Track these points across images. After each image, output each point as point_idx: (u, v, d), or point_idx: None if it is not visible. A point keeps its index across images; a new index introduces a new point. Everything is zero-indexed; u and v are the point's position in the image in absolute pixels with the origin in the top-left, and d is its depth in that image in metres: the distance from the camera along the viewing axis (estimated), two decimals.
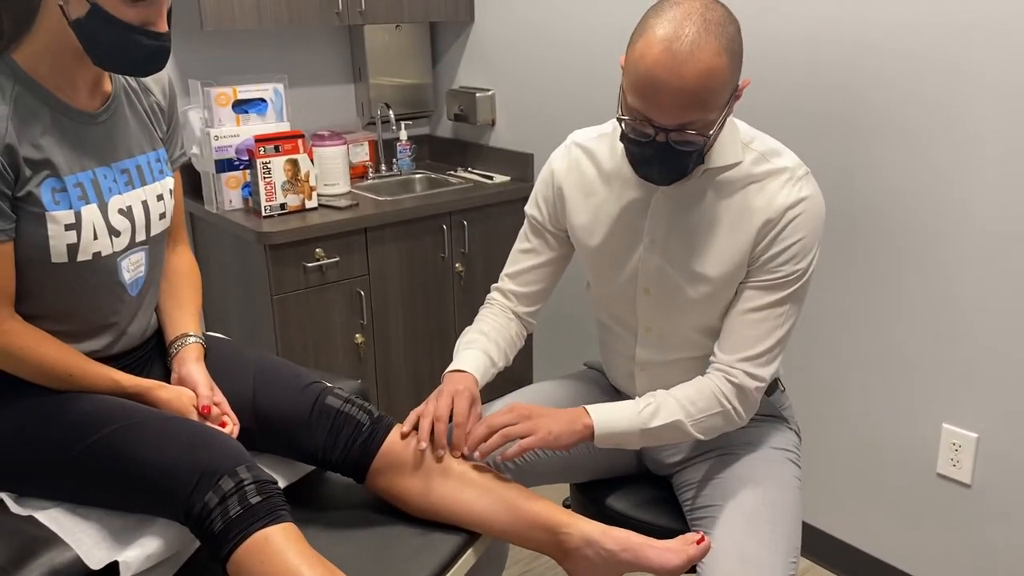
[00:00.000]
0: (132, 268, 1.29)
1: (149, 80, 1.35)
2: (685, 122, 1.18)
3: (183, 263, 1.47)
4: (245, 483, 1.07)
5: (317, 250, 2.42)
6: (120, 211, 1.25)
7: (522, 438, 1.26)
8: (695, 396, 1.31)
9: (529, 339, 2.93)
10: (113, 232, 1.24)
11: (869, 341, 2.03)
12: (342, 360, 2.55)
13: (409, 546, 1.24)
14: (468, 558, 1.27)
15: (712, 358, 1.35)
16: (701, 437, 1.33)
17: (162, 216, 1.33)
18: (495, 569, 1.53)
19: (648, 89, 1.16)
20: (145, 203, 1.29)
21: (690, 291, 1.36)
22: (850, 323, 2.06)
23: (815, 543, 2.25)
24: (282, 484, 1.29)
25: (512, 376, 2.79)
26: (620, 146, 1.38)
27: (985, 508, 1.90)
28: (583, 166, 1.44)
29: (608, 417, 1.29)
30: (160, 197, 1.32)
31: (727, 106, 1.22)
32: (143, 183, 1.29)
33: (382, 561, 1.21)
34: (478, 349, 1.44)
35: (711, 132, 1.22)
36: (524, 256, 1.53)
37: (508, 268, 1.55)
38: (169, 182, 1.35)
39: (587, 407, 1.30)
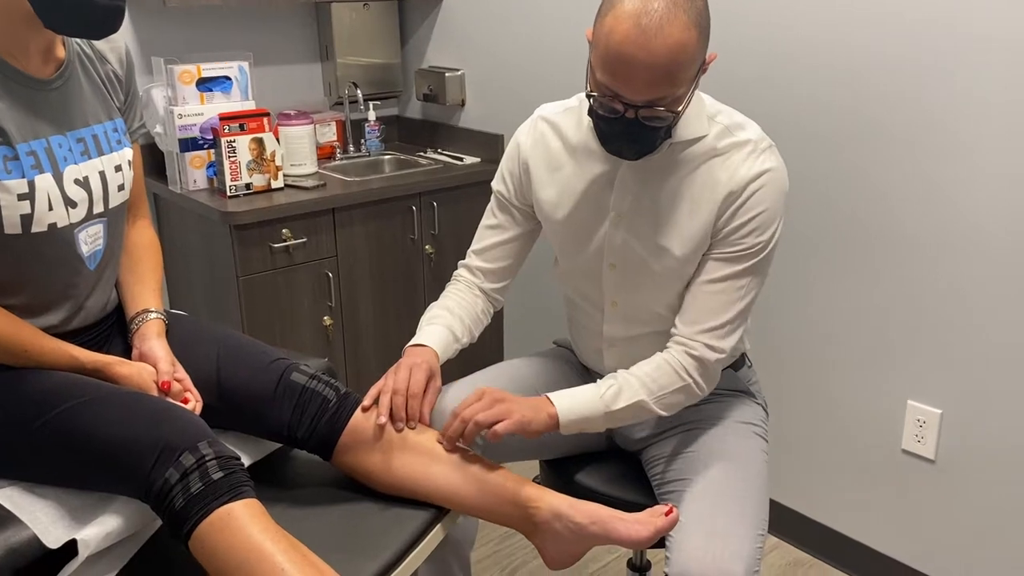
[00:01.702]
0: (90, 241, 1.26)
1: (105, 49, 1.32)
2: (655, 98, 1.18)
3: (144, 237, 1.43)
4: (207, 459, 1.05)
5: (284, 231, 2.38)
6: (76, 181, 1.21)
7: (495, 422, 1.24)
8: (656, 373, 1.31)
9: (499, 317, 2.95)
10: (69, 203, 1.20)
11: (836, 318, 2.05)
12: (310, 343, 2.52)
13: (377, 522, 1.23)
14: (437, 533, 1.26)
15: (673, 330, 1.35)
16: (663, 414, 1.33)
17: (121, 188, 1.29)
18: (464, 546, 1.53)
19: (617, 65, 1.15)
20: (103, 174, 1.25)
21: (655, 265, 1.36)
22: (817, 301, 2.07)
23: (782, 520, 2.27)
24: (247, 461, 1.27)
25: (482, 354, 2.79)
26: (586, 120, 1.37)
27: (948, 483, 1.92)
28: (549, 140, 1.43)
29: (571, 404, 1.28)
30: (118, 168, 1.28)
31: (695, 80, 1.22)
32: (100, 153, 1.26)
33: (350, 537, 1.19)
34: (441, 324, 1.43)
35: (680, 108, 1.21)
36: (491, 232, 1.52)
37: (475, 245, 1.54)
38: (128, 153, 1.32)
39: (549, 396, 1.29)
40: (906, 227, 1.87)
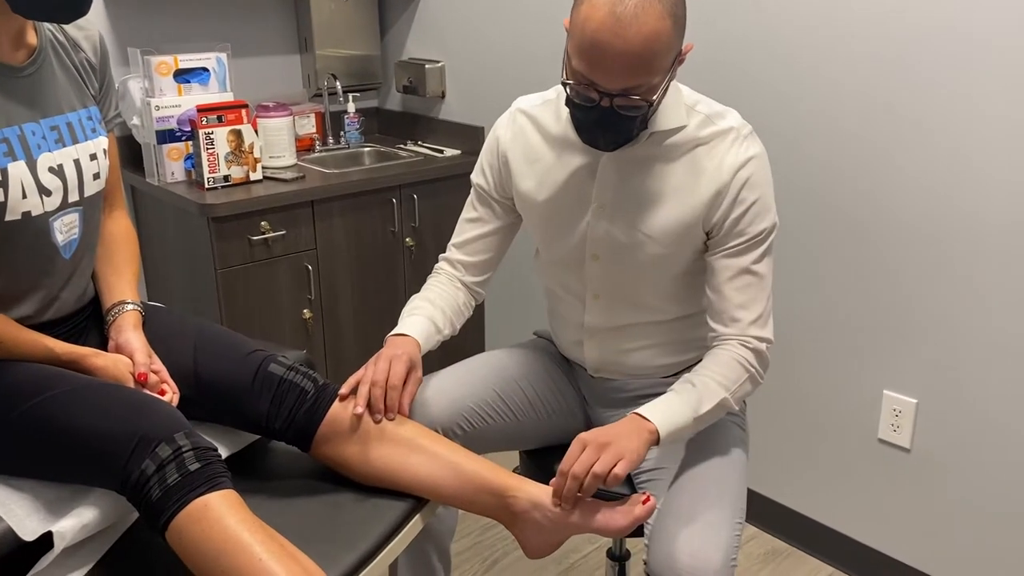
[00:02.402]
0: (65, 230, 1.24)
1: (79, 36, 1.30)
2: (629, 86, 1.18)
3: (120, 228, 1.42)
4: (183, 450, 1.04)
5: (262, 223, 2.37)
6: (51, 169, 1.20)
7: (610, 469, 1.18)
8: (725, 369, 1.31)
9: (481, 309, 2.95)
10: (43, 191, 1.19)
11: (813, 310, 2.06)
12: (290, 336, 2.51)
13: (355, 513, 1.23)
14: (415, 524, 1.26)
15: (712, 334, 1.35)
16: (736, 408, 1.33)
17: (96, 176, 1.28)
18: (444, 537, 1.53)
19: (592, 53, 1.16)
20: (77, 162, 1.24)
21: (638, 256, 1.36)
22: (794, 292, 2.09)
23: (760, 509, 2.29)
24: (225, 453, 1.26)
25: (464, 346, 2.79)
26: (565, 111, 1.37)
27: (923, 471, 1.95)
28: (528, 133, 1.43)
29: (666, 417, 1.25)
30: (93, 156, 1.27)
31: (671, 70, 1.23)
32: (75, 141, 1.24)
33: (328, 528, 1.19)
34: (423, 315, 1.43)
35: (655, 97, 1.22)
36: (471, 225, 1.52)
37: (455, 238, 1.54)
38: (103, 141, 1.30)
39: (641, 413, 1.25)
40: (884, 219, 1.89)
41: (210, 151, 2.38)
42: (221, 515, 1.01)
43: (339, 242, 2.55)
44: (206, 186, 2.38)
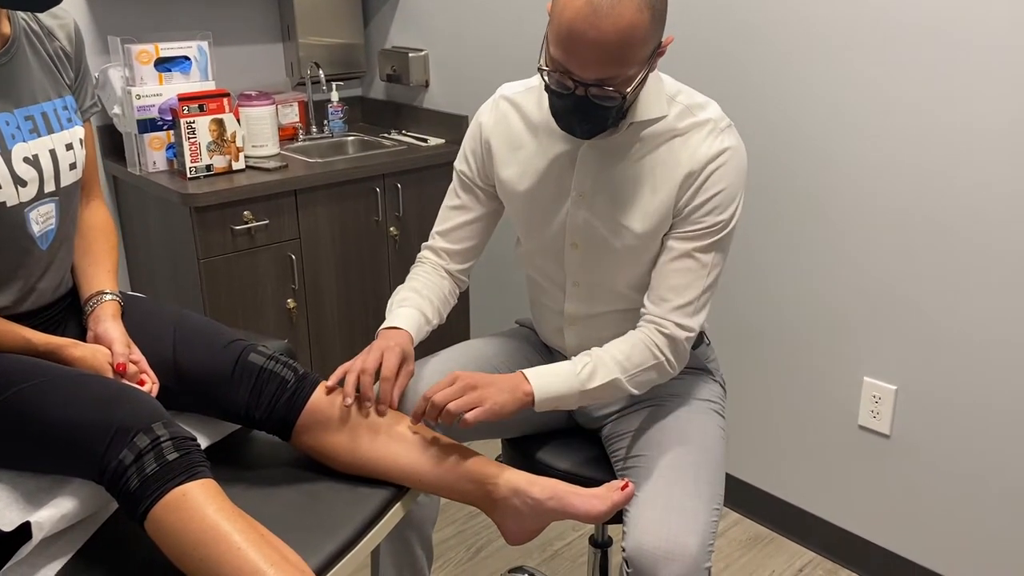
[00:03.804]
0: (41, 220, 1.24)
1: (53, 25, 1.29)
2: (603, 77, 1.18)
3: (98, 218, 1.41)
4: (161, 440, 1.04)
5: (245, 213, 2.36)
6: (26, 159, 1.19)
7: (468, 410, 1.22)
8: (630, 351, 1.32)
9: (465, 297, 2.95)
10: (19, 181, 1.18)
11: (793, 297, 2.07)
12: (274, 326, 2.51)
13: (336, 501, 1.23)
14: (396, 511, 1.26)
15: (643, 310, 1.36)
16: (636, 392, 1.33)
17: (72, 167, 1.27)
18: (426, 525, 1.54)
19: (568, 42, 1.16)
20: (53, 152, 1.24)
21: (617, 245, 1.37)
22: (774, 279, 2.10)
23: (741, 495, 2.31)
24: (205, 443, 1.27)
25: (449, 334, 2.79)
26: (547, 98, 1.37)
27: (903, 457, 1.97)
28: (511, 119, 1.43)
29: (547, 382, 1.28)
30: (69, 147, 1.27)
31: (648, 63, 1.23)
32: (50, 131, 1.24)
33: (309, 516, 1.19)
34: (412, 307, 1.43)
35: (629, 89, 1.22)
36: (454, 213, 1.52)
37: (438, 226, 1.54)
38: (79, 131, 1.29)
39: (525, 373, 1.28)
40: (863, 206, 1.90)
41: (192, 140, 2.36)
42: (200, 504, 1.01)
43: (323, 231, 2.55)
44: (188, 175, 2.37)
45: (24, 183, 1.19)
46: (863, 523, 2.08)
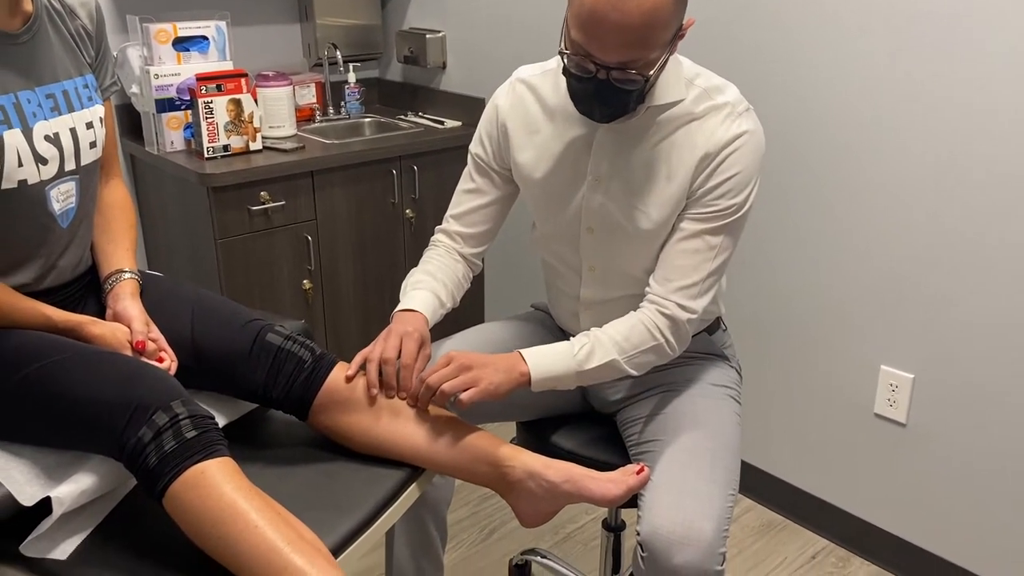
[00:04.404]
0: (62, 198, 1.24)
1: (75, 3, 1.29)
2: (626, 60, 1.17)
3: (117, 197, 1.42)
4: (180, 417, 1.05)
5: (262, 193, 2.37)
6: (46, 137, 1.20)
7: (464, 390, 1.24)
8: (629, 332, 1.31)
9: (480, 280, 2.95)
10: (40, 159, 1.19)
11: (811, 283, 2.06)
12: (290, 306, 2.52)
13: (352, 481, 1.23)
14: (412, 492, 1.27)
15: (647, 289, 1.35)
16: (634, 373, 1.33)
17: (92, 145, 1.28)
18: (441, 506, 1.54)
19: (590, 25, 1.15)
20: (73, 130, 1.24)
21: (632, 229, 1.36)
22: (792, 266, 2.09)
23: (755, 482, 2.31)
24: (222, 421, 1.27)
25: (463, 318, 2.79)
26: (564, 82, 1.36)
27: (918, 446, 1.96)
28: (527, 103, 1.42)
29: (543, 362, 1.28)
30: (90, 125, 1.27)
31: (670, 45, 1.21)
32: (71, 109, 1.24)
33: (325, 496, 1.20)
34: (426, 290, 1.43)
35: (651, 72, 1.21)
36: (469, 196, 1.52)
37: (453, 209, 1.53)
38: (99, 110, 1.30)
39: (522, 352, 1.29)
40: (883, 192, 1.88)
41: (209, 120, 2.37)
42: (217, 482, 1.02)
43: (339, 213, 2.55)
44: (205, 155, 2.38)
45: (45, 161, 1.20)
46: (877, 511, 2.07)
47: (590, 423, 1.54)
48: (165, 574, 1.04)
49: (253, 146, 2.46)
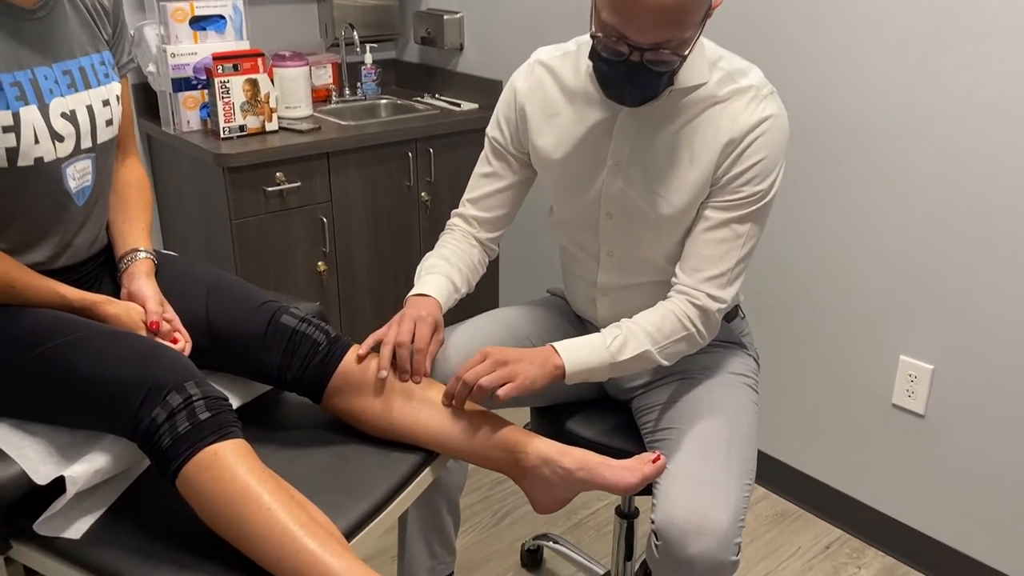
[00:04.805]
0: (78, 176, 1.24)
1: None
2: (661, 40, 1.15)
3: (133, 176, 1.41)
4: (194, 399, 1.04)
5: (277, 174, 2.36)
6: (63, 115, 1.19)
7: (500, 385, 1.22)
8: (660, 322, 1.30)
9: (496, 265, 2.94)
10: (56, 137, 1.18)
11: (830, 271, 2.04)
12: (304, 288, 2.51)
13: (366, 464, 1.23)
14: (425, 476, 1.26)
15: (674, 280, 1.34)
16: (666, 363, 1.32)
17: (109, 123, 1.27)
18: (454, 491, 1.54)
19: (624, 5, 1.13)
20: (90, 107, 1.23)
21: (652, 215, 1.34)
22: (812, 253, 2.06)
23: (770, 471, 2.29)
24: (236, 403, 1.27)
25: (478, 303, 2.78)
26: (584, 65, 1.34)
27: (937, 437, 1.93)
28: (546, 86, 1.40)
29: (577, 355, 1.27)
30: (106, 103, 1.26)
31: (701, 24, 1.19)
32: (87, 86, 1.23)
33: (338, 479, 1.20)
34: (441, 274, 1.42)
35: (686, 52, 1.19)
36: (485, 180, 1.50)
37: (469, 193, 1.52)
38: (116, 87, 1.29)
39: (555, 346, 1.27)
40: (905, 179, 1.85)
41: (226, 100, 2.36)
42: (231, 464, 1.02)
43: (354, 195, 2.54)
44: (222, 135, 2.37)
45: (61, 138, 1.19)
46: (893, 502, 2.05)
47: (605, 410, 1.52)
48: (178, 555, 1.04)
49: (269, 126, 2.45)
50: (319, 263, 2.52)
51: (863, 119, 1.89)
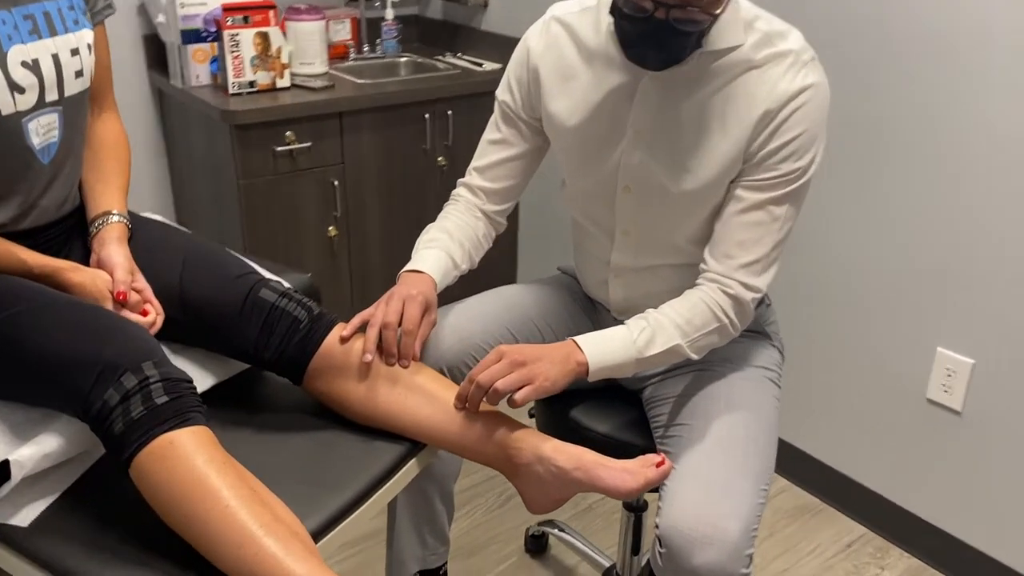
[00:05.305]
0: (42, 132, 1.14)
1: None
2: None
3: (109, 132, 1.31)
4: (151, 381, 0.95)
5: (287, 133, 2.26)
6: (24, 64, 1.09)
7: (518, 388, 1.11)
8: (690, 313, 1.19)
9: (514, 239, 2.82)
10: (15, 88, 1.08)
11: (864, 255, 1.90)
12: (314, 254, 2.42)
13: (346, 453, 1.14)
14: (410, 469, 1.17)
15: (703, 266, 1.23)
16: (695, 357, 1.21)
17: (79, 74, 1.17)
18: (448, 480, 1.45)
19: None
20: (56, 57, 1.13)
21: (675, 191, 1.23)
22: (845, 235, 1.92)
23: (792, 461, 2.18)
24: (212, 382, 1.18)
25: (493, 280, 2.65)
26: (605, 22, 1.22)
27: (974, 436, 1.81)
28: (562, 44, 1.28)
29: (601, 350, 1.16)
30: (75, 52, 1.16)
31: None
32: (52, 33, 1.13)
33: (316, 468, 1.11)
34: (439, 249, 1.31)
35: (718, 10, 1.08)
36: (494, 148, 1.39)
37: (476, 161, 1.41)
38: (87, 35, 1.19)
39: (578, 340, 1.16)
40: (949, 160, 1.71)
41: (235, 54, 2.25)
42: (188, 454, 0.93)
43: (368, 158, 2.43)
44: (230, 91, 2.27)
45: (22, 90, 1.09)
46: (921, 501, 1.94)
47: (614, 399, 1.42)
48: (132, 550, 0.96)
49: (280, 83, 2.35)
50: (330, 228, 2.42)
51: (909, 95, 1.74)
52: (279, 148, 2.25)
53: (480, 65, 2.67)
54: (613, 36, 1.20)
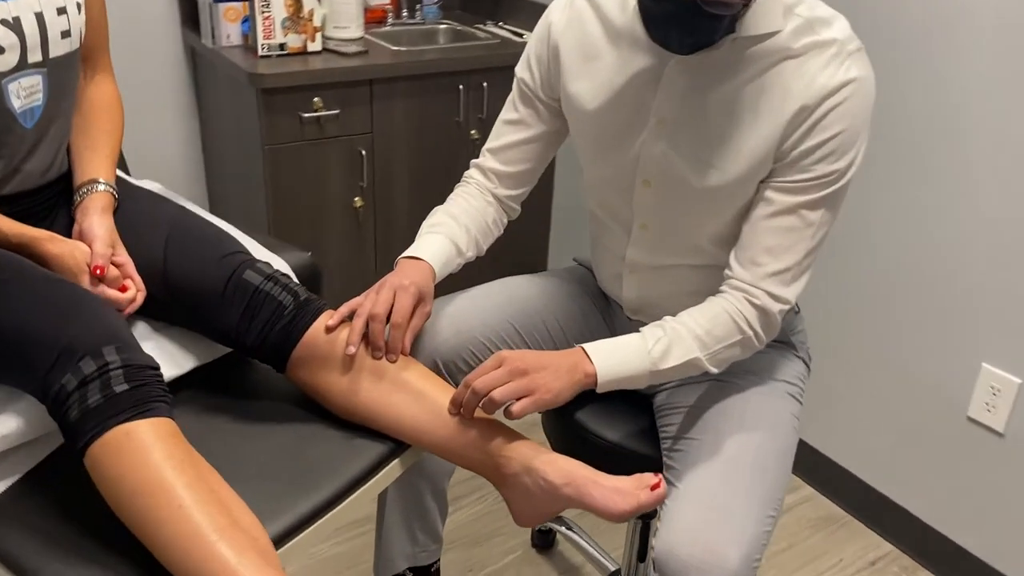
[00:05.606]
0: (24, 94, 1.09)
1: None
2: None
3: (102, 96, 1.25)
4: (111, 367, 0.89)
5: (315, 100, 2.19)
6: (3, 22, 1.03)
7: (517, 398, 1.04)
8: (710, 324, 1.10)
9: (546, 226, 2.73)
10: None
11: (904, 262, 1.78)
12: (339, 224, 2.37)
13: (326, 450, 1.08)
14: (392, 470, 1.10)
15: (727, 272, 1.13)
16: (715, 371, 1.12)
17: (65, 34, 1.11)
18: (440, 478, 1.38)
19: None
20: (40, 15, 1.07)
21: (698, 186, 1.13)
22: (887, 241, 1.80)
23: (820, 470, 2.08)
24: (192, 364, 1.13)
25: (520, 268, 2.58)
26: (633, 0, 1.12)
27: (1018, 461, 1.69)
28: (586, 22, 1.19)
29: (613, 361, 1.07)
30: (62, 11, 1.10)
31: None
32: None
33: (291, 464, 1.05)
34: (443, 235, 1.23)
35: None
36: (510, 128, 1.30)
37: (491, 142, 1.32)
38: None
39: (587, 349, 1.08)
40: (998, 164, 1.57)
41: (266, 15, 2.19)
42: (145, 447, 0.87)
43: (397, 128, 2.36)
44: (259, 53, 2.21)
45: (2, 50, 1.04)
46: (954, 523, 1.83)
47: (622, 402, 1.33)
48: (87, 543, 0.91)
49: (312, 47, 2.28)
50: (356, 198, 2.36)
51: (957, 93, 1.60)
52: (306, 114, 2.19)
53: (521, 36, 2.57)
54: (639, 15, 1.10)
